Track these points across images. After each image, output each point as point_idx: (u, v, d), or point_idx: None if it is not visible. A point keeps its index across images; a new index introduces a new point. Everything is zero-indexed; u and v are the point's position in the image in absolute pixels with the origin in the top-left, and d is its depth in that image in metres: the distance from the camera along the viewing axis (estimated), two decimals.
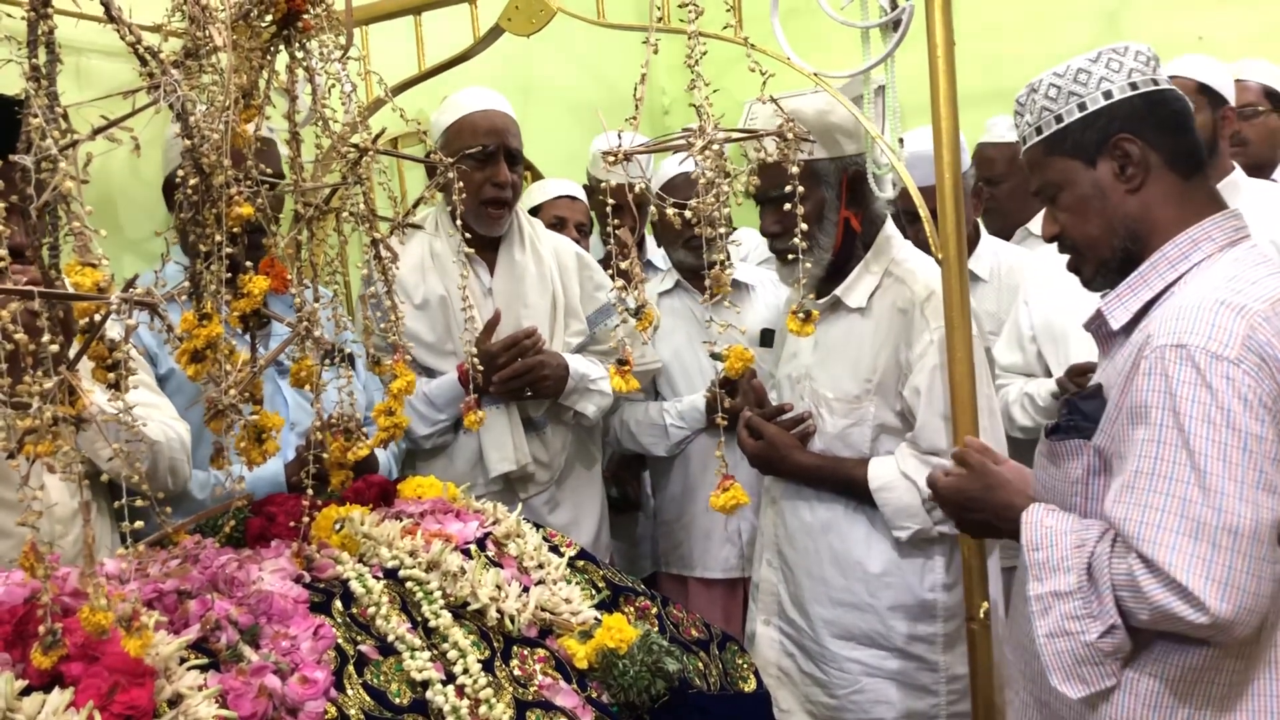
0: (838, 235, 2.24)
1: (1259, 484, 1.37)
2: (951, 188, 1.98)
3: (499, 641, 1.77)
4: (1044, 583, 1.51)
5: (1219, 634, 1.40)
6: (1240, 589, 1.37)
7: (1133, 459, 1.46)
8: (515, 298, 2.65)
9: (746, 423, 2.37)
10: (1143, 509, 1.43)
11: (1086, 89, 1.57)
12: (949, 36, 1.98)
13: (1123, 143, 1.56)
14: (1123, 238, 1.59)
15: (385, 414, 1.77)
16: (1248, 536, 1.37)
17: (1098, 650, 1.47)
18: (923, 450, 2.16)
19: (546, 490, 2.70)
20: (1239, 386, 1.39)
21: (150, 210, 2.48)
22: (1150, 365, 1.45)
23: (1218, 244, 1.54)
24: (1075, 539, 1.51)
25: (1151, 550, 1.41)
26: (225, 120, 1.56)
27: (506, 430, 2.59)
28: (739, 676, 2.04)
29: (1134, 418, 1.47)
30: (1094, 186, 1.59)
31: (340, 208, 1.80)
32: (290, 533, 1.80)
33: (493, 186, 2.58)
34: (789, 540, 2.38)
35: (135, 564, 1.60)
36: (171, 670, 1.39)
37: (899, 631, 2.24)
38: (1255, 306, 1.43)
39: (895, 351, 2.21)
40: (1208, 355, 1.40)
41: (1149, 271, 1.57)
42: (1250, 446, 1.38)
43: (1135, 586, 1.43)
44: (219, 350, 1.51)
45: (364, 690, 1.58)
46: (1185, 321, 1.44)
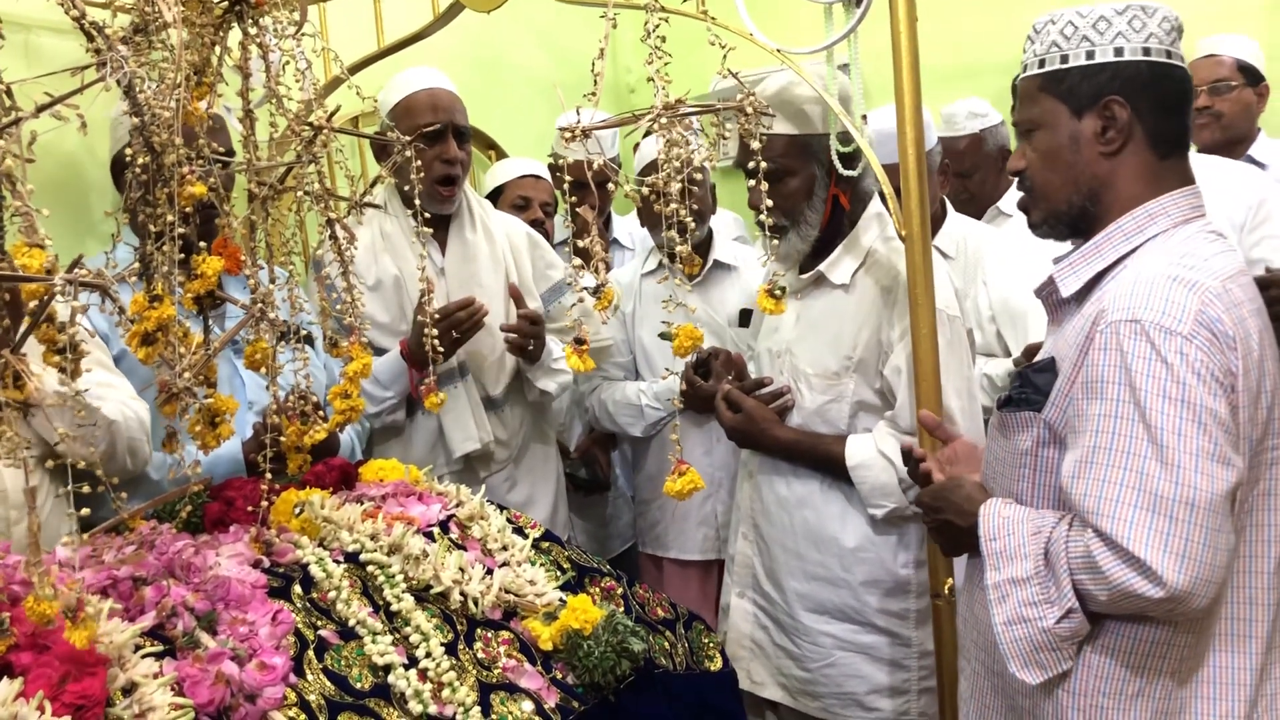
0: (825, 211, 2.23)
1: (1214, 456, 1.38)
2: (915, 165, 1.97)
3: (462, 624, 1.75)
4: (1001, 571, 1.51)
5: (1177, 606, 1.41)
6: (1197, 560, 1.37)
7: (1089, 434, 1.46)
8: (469, 277, 2.63)
9: (725, 395, 2.36)
10: (1101, 484, 1.43)
11: (1101, 39, 1.55)
12: (911, 13, 1.96)
13: (1113, 104, 1.54)
14: (1083, 195, 1.59)
15: (341, 396, 1.74)
16: (1204, 508, 1.37)
17: (1055, 636, 1.48)
18: (902, 430, 2.16)
19: (505, 469, 2.69)
20: (1193, 361, 1.39)
21: (109, 192, 2.43)
22: (1105, 340, 1.45)
23: (1173, 220, 1.54)
24: (1032, 526, 1.51)
25: (1110, 525, 1.41)
26: (176, 98, 1.53)
27: (467, 410, 2.57)
28: (705, 655, 2.04)
29: (1089, 392, 1.47)
30: (1071, 137, 1.58)
31: (295, 187, 1.77)
32: (249, 517, 1.78)
33: (442, 164, 2.55)
34: (765, 514, 2.38)
35: (89, 551, 1.58)
36: (125, 658, 1.37)
37: (872, 606, 2.25)
38: (1207, 283, 1.44)
39: (877, 330, 2.20)
40: (1161, 330, 1.40)
41: (1103, 241, 1.57)
42: (1204, 420, 1.38)
43: (1093, 566, 1.43)
44: (171, 333, 1.48)
45: (324, 675, 1.56)
46: (1139, 297, 1.44)
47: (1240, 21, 3.53)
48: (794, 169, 2.18)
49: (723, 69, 1.64)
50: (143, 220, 1.52)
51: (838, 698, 2.30)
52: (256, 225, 1.75)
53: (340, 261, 1.82)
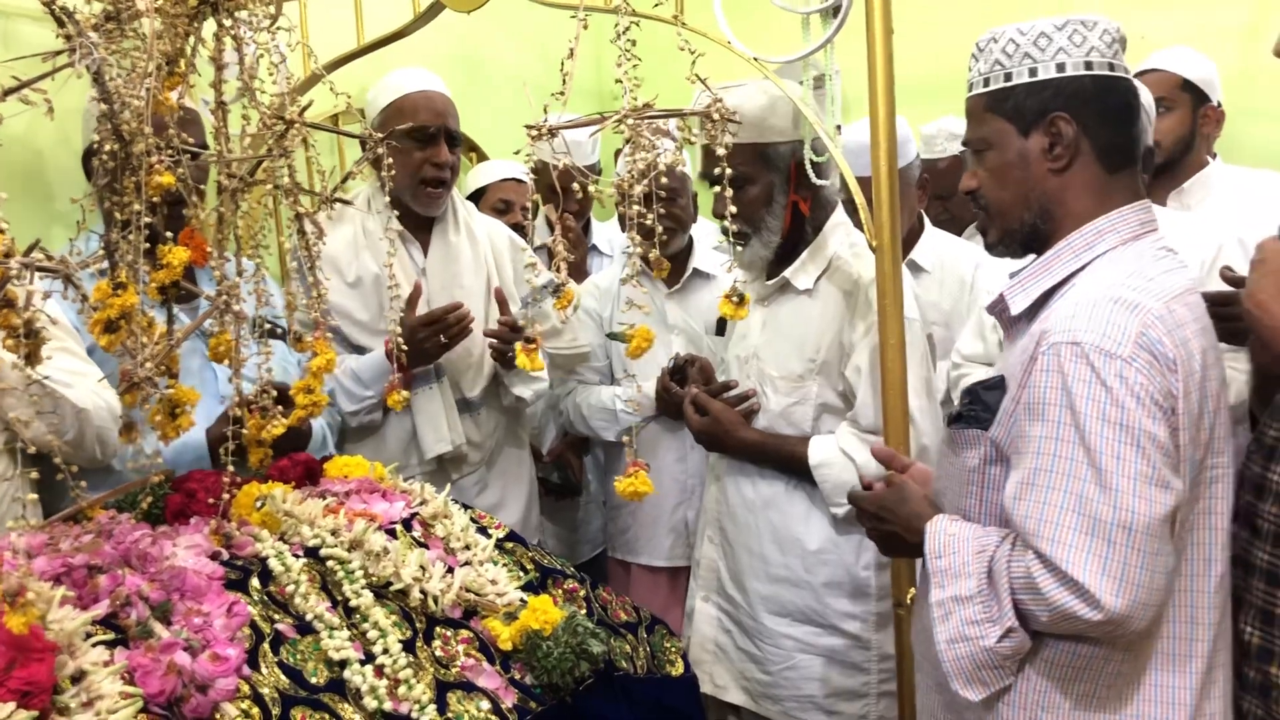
0: (786, 218, 2.27)
1: (1152, 480, 1.39)
2: (887, 176, 1.99)
3: (421, 622, 1.75)
4: (945, 589, 1.52)
5: (1116, 629, 1.42)
6: (1135, 584, 1.39)
7: (1030, 455, 1.47)
8: (450, 279, 2.63)
9: (693, 399, 2.40)
10: (1041, 506, 1.44)
11: (1043, 55, 1.55)
12: (887, 25, 1.98)
13: (1059, 121, 1.55)
14: (1034, 213, 1.59)
15: (304, 391, 1.74)
16: (1141, 532, 1.38)
17: (997, 654, 1.48)
18: (862, 429, 2.20)
19: (477, 471, 2.69)
20: (1132, 384, 1.40)
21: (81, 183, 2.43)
22: (1046, 362, 1.45)
23: (1122, 237, 1.54)
24: (977, 545, 1.52)
25: (1050, 548, 1.42)
26: (147, 87, 1.53)
27: (441, 411, 2.57)
28: (666, 660, 2.04)
29: (1031, 413, 1.48)
30: (1020, 156, 1.58)
31: (266, 180, 1.77)
32: (210, 510, 1.77)
33: (432, 167, 2.56)
34: (730, 516, 2.41)
35: (46, 538, 1.57)
36: (75, 646, 1.36)
37: (833, 609, 2.27)
38: (1149, 304, 1.44)
39: (839, 333, 2.24)
40: (1101, 353, 1.41)
41: (1052, 259, 1.57)
42: (1143, 443, 1.39)
43: (1034, 587, 1.44)
44: (135, 321, 1.48)
45: (279, 669, 1.56)
46: (1080, 318, 1.45)
47: (1214, 44, 3.56)
48: (753, 177, 2.21)
49: (691, 74, 1.65)
50: (108, 208, 1.52)
51: (798, 701, 2.31)
52: (225, 217, 1.75)
53: (308, 256, 1.82)
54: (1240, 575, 1.55)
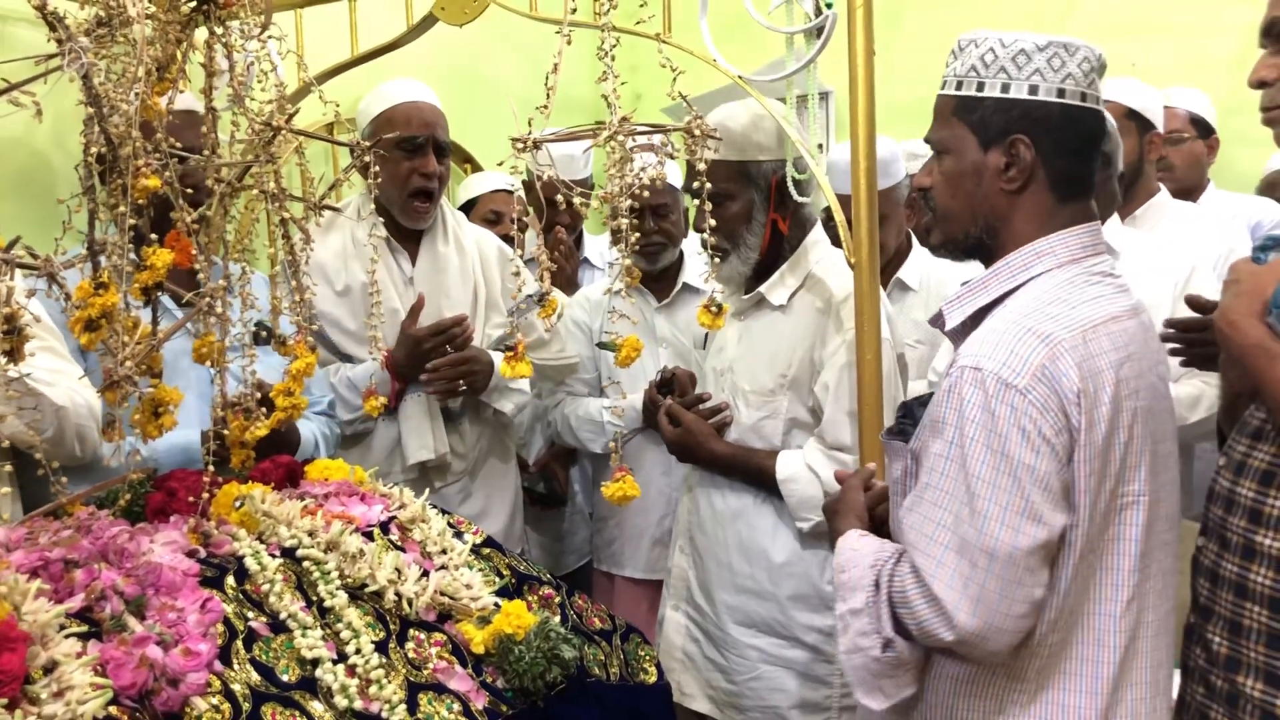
0: (765, 236, 2.30)
1: (1023, 512, 1.43)
2: (866, 194, 2.02)
3: (395, 624, 1.77)
4: (845, 602, 1.57)
5: (971, 649, 1.48)
6: (990, 608, 1.43)
7: (925, 471, 1.52)
8: (437, 288, 2.65)
9: (667, 410, 2.44)
10: (922, 520, 1.50)
11: (1019, 73, 1.54)
12: (869, 46, 2.02)
13: (1019, 144, 1.55)
14: (980, 228, 1.61)
15: (284, 394, 1.77)
16: (1003, 560, 1.43)
17: (885, 664, 1.53)
18: (828, 445, 2.22)
19: (460, 480, 2.71)
20: (1020, 416, 1.42)
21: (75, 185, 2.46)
22: (951, 383, 1.49)
23: (1059, 259, 1.56)
24: (871, 559, 1.57)
25: (922, 561, 1.48)
26: (136, 92, 1.56)
27: (426, 419, 2.59)
28: (640, 668, 2.06)
29: (932, 430, 1.52)
30: (976, 168, 1.59)
31: (254, 185, 1.80)
32: (190, 508, 1.79)
33: (420, 177, 2.58)
34: (700, 527, 2.43)
35: (24, 532, 1.59)
36: (49, 637, 1.38)
37: (798, 621, 2.29)
38: (1060, 335, 1.46)
39: (811, 349, 2.27)
40: (998, 382, 1.44)
41: (989, 278, 1.59)
42: (1020, 475, 1.42)
43: (905, 599, 1.50)
44: (117, 321, 1.51)
45: (251, 666, 1.58)
46: (988, 344, 1.47)
47: (1203, 74, 3.60)
48: (734, 194, 2.25)
49: (673, 91, 1.68)
50: (93, 209, 1.55)
51: (762, 711, 2.34)
52: (213, 221, 1.79)
53: (292, 262, 1.85)
54: (1209, 587, 1.58)
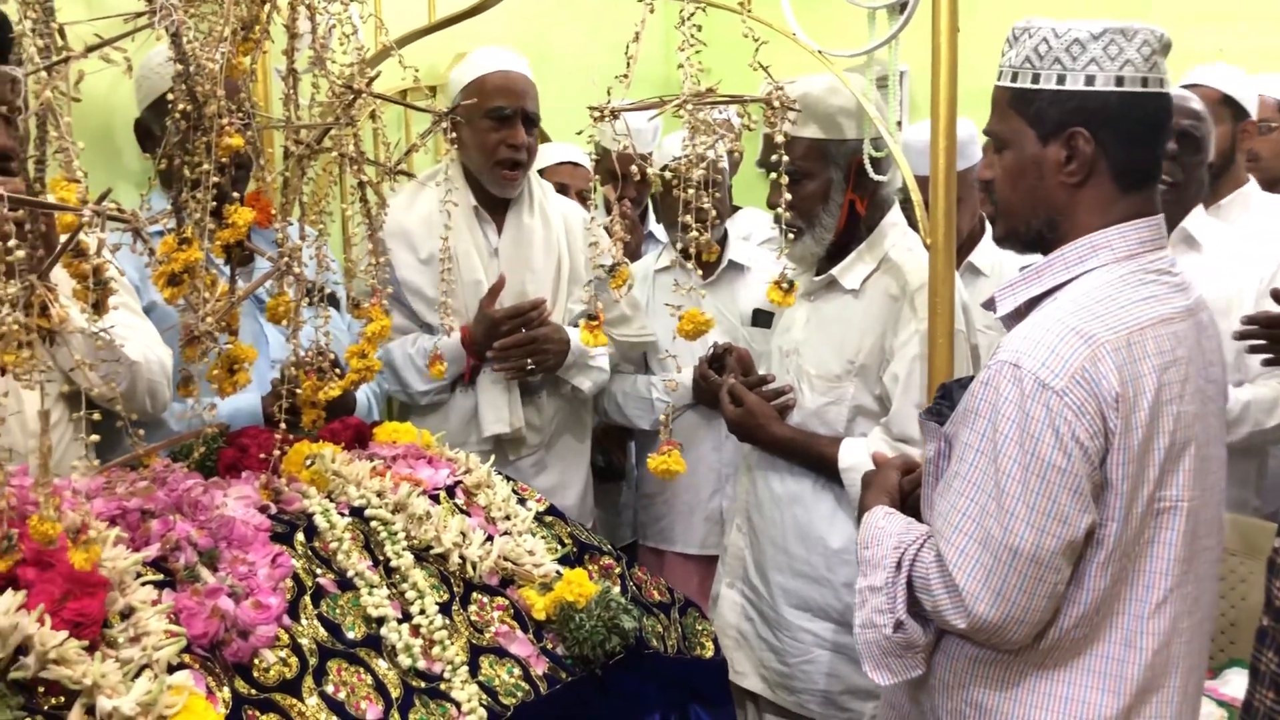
0: (841, 217, 2.27)
1: (1050, 512, 1.42)
2: (944, 173, 1.99)
3: (459, 586, 1.79)
4: (865, 578, 1.60)
5: (990, 637, 1.49)
6: (1010, 601, 1.45)
7: (956, 459, 1.52)
8: (521, 261, 2.65)
9: (729, 389, 2.41)
10: (949, 508, 1.50)
11: (1074, 64, 1.50)
12: (953, 23, 1.98)
13: (1078, 137, 1.51)
14: (1041, 221, 1.57)
15: (358, 356, 1.79)
16: (1026, 558, 1.43)
17: (895, 643, 1.55)
18: (894, 437, 2.19)
19: (535, 454, 2.71)
20: (1055, 418, 1.41)
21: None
22: (989, 375, 1.48)
23: (1115, 255, 1.52)
24: (895, 540, 1.58)
25: (946, 549, 1.49)
26: (222, 51, 1.57)
27: (502, 392, 2.60)
28: (697, 642, 2.07)
29: (964, 418, 1.52)
30: (1035, 162, 1.55)
31: (333, 148, 1.82)
32: (261, 465, 1.82)
33: (508, 148, 2.57)
34: (758, 508, 2.42)
35: (102, 481, 1.63)
36: (126, 584, 1.41)
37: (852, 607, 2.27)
38: (1105, 336, 1.43)
39: (881, 337, 2.24)
40: (1035, 381, 1.42)
41: (1044, 269, 1.56)
42: (1049, 477, 1.42)
43: (927, 585, 1.52)
44: (197, 277, 1.53)
45: (318, 621, 1.61)
46: (1031, 341, 1.45)
47: None
48: (812, 172, 2.21)
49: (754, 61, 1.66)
50: (177, 166, 1.57)
51: (813, 694, 2.33)
52: (290, 183, 1.80)
53: (369, 225, 1.86)
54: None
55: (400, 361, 2.60)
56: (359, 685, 1.56)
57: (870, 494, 1.76)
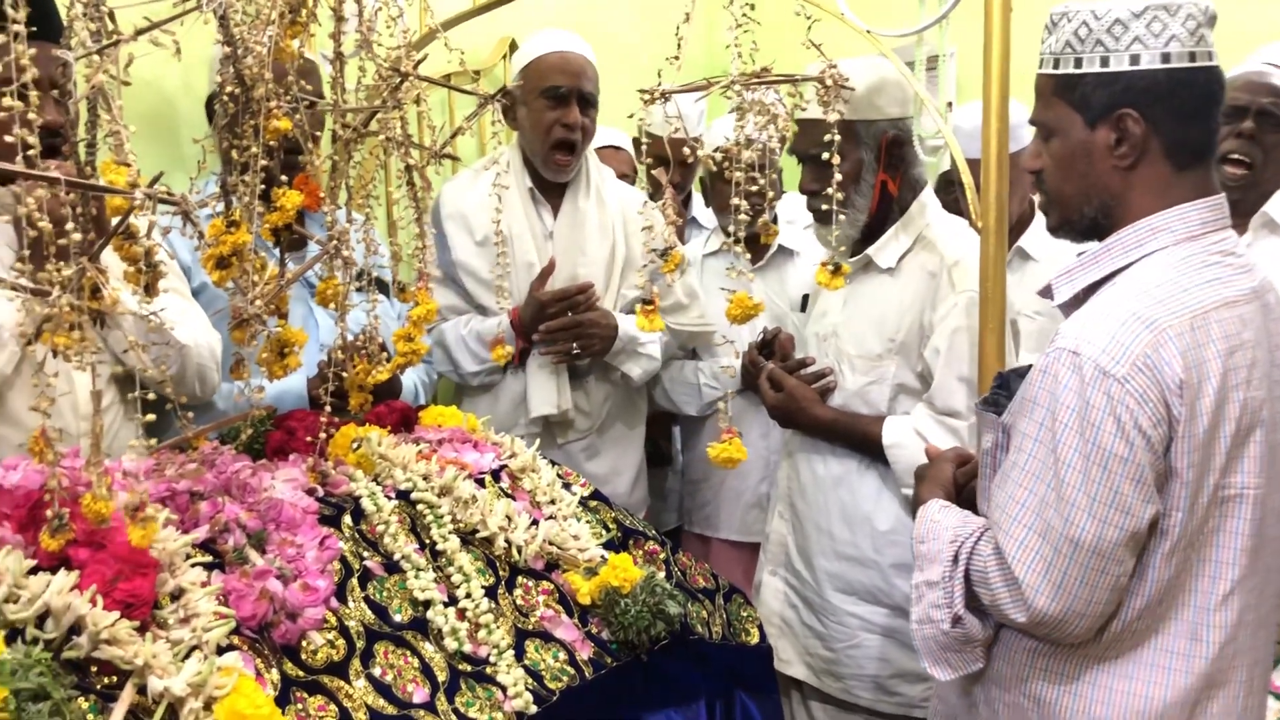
0: (874, 198, 2.26)
1: (1111, 503, 1.38)
2: (996, 157, 1.96)
3: (504, 570, 1.79)
4: (922, 572, 1.57)
5: (1047, 631, 1.46)
6: (1071, 594, 1.41)
7: (1013, 450, 1.49)
8: (574, 244, 2.64)
9: (768, 374, 2.40)
10: (1007, 499, 1.47)
11: (1116, 44, 1.46)
12: (1006, 3, 1.94)
13: (1127, 118, 1.47)
14: (1095, 208, 1.53)
15: (404, 340, 1.79)
16: (1087, 549, 1.40)
17: (953, 638, 1.53)
18: (938, 410, 2.18)
19: (586, 438, 2.70)
20: (1116, 406, 1.37)
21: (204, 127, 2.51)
22: (1047, 363, 1.44)
23: (1175, 237, 1.47)
24: (952, 534, 1.55)
25: (1004, 541, 1.46)
26: (270, 33, 1.57)
27: (551, 375, 2.59)
28: (742, 628, 2.06)
29: (1022, 407, 1.48)
30: (1084, 148, 1.51)
31: (380, 132, 1.81)
32: (309, 448, 1.83)
33: (562, 128, 2.55)
34: (801, 493, 2.40)
35: (153, 463, 1.64)
36: (176, 565, 1.42)
37: (900, 590, 2.26)
38: (1167, 321, 1.39)
39: (920, 313, 2.23)
40: (1096, 369, 1.38)
41: (1102, 253, 1.52)
42: (1111, 466, 1.38)
43: (985, 578, 1.48)
44: (247, 260, 1.53)
45: (365, 604, 1.61)
46: (1091, 328, 1.42)
47: None
48: (843, 153, 2.16)
49: (806, 39, 1.64)
50: (226, 149, 1.57)
51: (859, 679, 2.32)
52: (338, 166, 1.80)
53: (416, 209, 1.86)
54: None
55: (453, 342, 2.60)
56: (405, 668, 1.56)
57: (924, 487, 1.73)
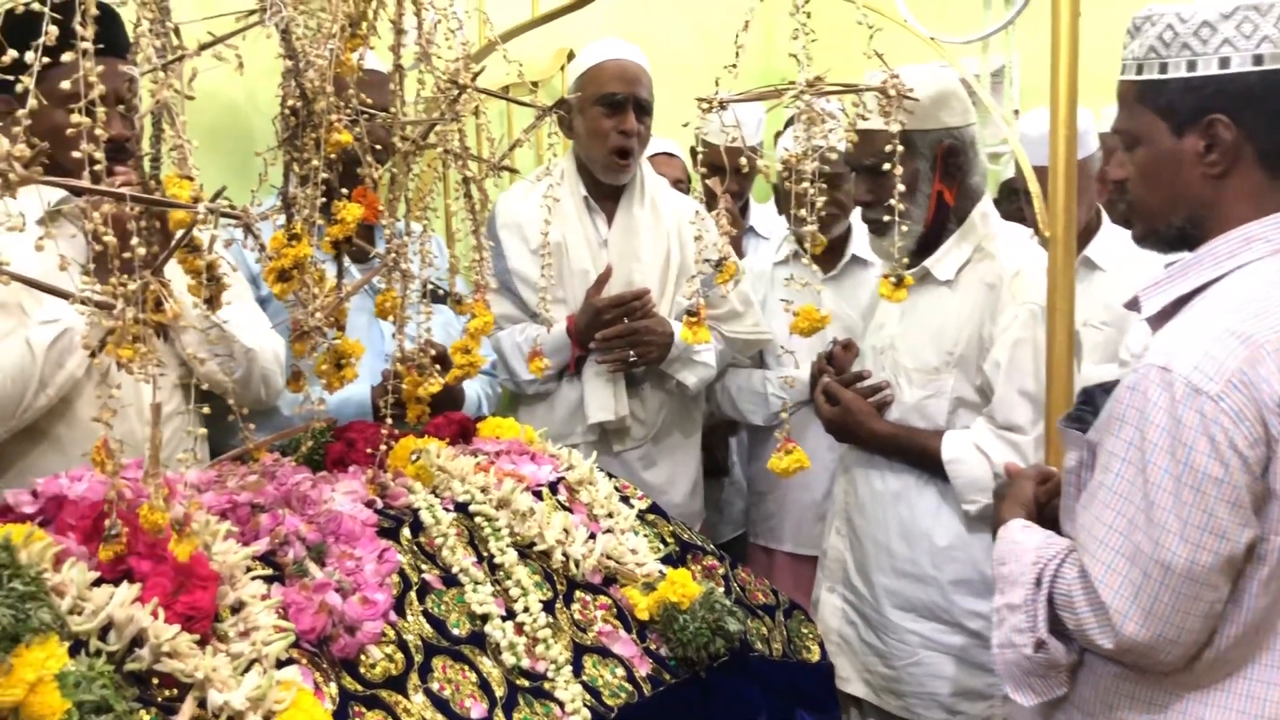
0: (930, 208, 2.22)
1: (1205, 526, 1.33)
2: (1064, 166, 1.92)
3: (562, 584, 1.78)
4: (1004, 595, 1.52)
5: (1136, 658, 1.40)
6: (1163, 620, 1.36)
7: (1100, 469, 1.43)
8: (629, 252, 2.63)
9: (824, 388, 2.38)
10: (1093, 521, 1.42)
11: (1204, 47, 1.41)
12: (1075, 7, 1.91)
13: (1217, 124, 1.41)
14: (1183, 218, 1.48)
15: (462, 352, 1.78)
16: (1179, 574, 1.34)
17: (1037, 663, 1.48)
18: (999, 425, 2.14)
19: (642, 447, 2.69)
20: (1210, 425, 1.32)
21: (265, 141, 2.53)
22: (1136, 379, 1.39)
23: (1271, 246, 1.41)
24: (1034, 555, 1.50)
25: (1090, 564, 1.41)
26: (330, 47, 1.58)
27: (607, 382, 2.59)
28: (803, 645, 2.03)
29: (1109, 425, 1.43)
30: (1172, 156, 1.46)
31: (438, 144, 1.81)
32: (368, 459, 1.83)
33: (619, 134, 2.55)
34: (859, 508, 2.37)
35: (214, 475, 1.65)
36: (236, 578, 1.43)
37: (960, 606, 2.21)
38: (1264, 336, 1.33)
39: (979, 326, 2.19)
40: (1188, 386, 1.33)
41: (1193, 264, 1.46)
42: (1205, 488, 1.32)
43: (1070, 602, 1.43)
44: (307, 272, 1.54)
45: (424, 618, 1.60)
46: (1183, 342, 1.36)
47: None
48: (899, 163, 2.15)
49: (869, 49, 1.61)
50: (288, 162, 1.58)
51: (920, 698, 2.28)
52: (397, 179, 1.81)
53: (473, 221, 1.86)
54: None
55: (509, 350, 2.61)
56: (464, 683, 1.55)
57: (1005, 506, 1.68)
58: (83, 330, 1.61)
